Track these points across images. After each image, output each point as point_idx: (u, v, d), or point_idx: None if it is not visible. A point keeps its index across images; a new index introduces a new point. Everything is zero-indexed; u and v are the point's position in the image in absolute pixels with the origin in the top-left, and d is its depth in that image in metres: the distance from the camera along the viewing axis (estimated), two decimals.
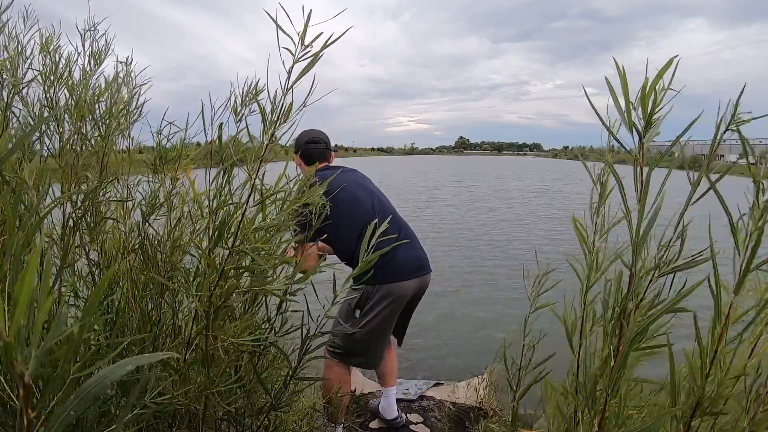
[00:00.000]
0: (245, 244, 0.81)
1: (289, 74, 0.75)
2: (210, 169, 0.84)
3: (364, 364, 2.05)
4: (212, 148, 0.83)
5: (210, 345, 0.84)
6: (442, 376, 3.00)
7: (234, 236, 0.81)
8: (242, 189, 0.83)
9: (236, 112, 0.85)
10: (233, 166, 0.81)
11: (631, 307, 0.62)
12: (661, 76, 0.55)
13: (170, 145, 1.00)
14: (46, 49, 0.97)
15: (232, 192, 0.82)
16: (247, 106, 0.85)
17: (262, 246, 0.81)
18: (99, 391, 0.32)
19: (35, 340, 0.27)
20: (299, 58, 0.73)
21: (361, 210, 1.82)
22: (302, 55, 0.73)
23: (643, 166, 0.59)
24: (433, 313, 4.62)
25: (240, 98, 0.85)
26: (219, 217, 0.81)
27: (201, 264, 0.83)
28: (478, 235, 9.11)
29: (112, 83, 0.98)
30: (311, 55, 0.73)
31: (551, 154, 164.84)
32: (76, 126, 0.95)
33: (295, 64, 0.74)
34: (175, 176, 1.01)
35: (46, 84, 0.96)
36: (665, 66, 0.55)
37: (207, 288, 0.81)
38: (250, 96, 0.84)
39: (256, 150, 0.82)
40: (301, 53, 0.73)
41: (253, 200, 0.83)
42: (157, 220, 1.05)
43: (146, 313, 1.00)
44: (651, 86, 0.55)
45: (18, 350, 0.27)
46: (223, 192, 0.81)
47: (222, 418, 1.07)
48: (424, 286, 1.97)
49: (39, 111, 0.97)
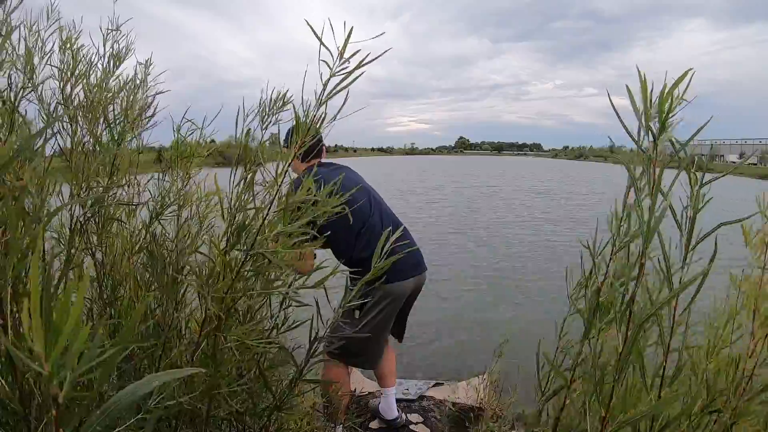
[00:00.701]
0: (264, 247, 0.83)
1: (325, 86, 0.77)
2: (235, 170, 0.86)
3: (364, 363, 2.06)
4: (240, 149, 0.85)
5: (219, 346, 0.85)
6: (442, 376, 3.01)
7: (254, 239, 0.82)
8: (264, 193, 0.85)
9: (263, 120, 0.87)
10: (257, 170, 0.84)
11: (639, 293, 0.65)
12: (678, 84, 0.60)
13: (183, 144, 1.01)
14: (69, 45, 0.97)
15: (255, 195, 0.84)
16: (275, 115, 0.88)
17: (283, 250, 0.83)
18: (123, 407, 0.32)
19: (70, 364, 0.28)
20: (335, 72, 0.76)
21: (359, 210, 1.81)
22: (339, 70, 0.76)
23: (656, 165, 0.64)
24: (434, 314, 4.63)
25: (268, 107, 0.88)
26: (238, 220, 0.82)
27: (216, 265, 0.84)
28: (478, 235, 9.12)
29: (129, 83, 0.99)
30: (348, 72, 0.75)
31: (551, 154, 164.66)
32: (89, 126, 0.96)
33: (332, 77, 0.77)
34: (186, 174, 1.01)
35: (63, 80, 0.97)
36: (681, 76, 0.60)
37: (221, 289, 0.82)
38: (277, 105, 0.87)
39: (283, 156, 0.84)
40: (338, 67, 0.76)
41: (275, 205, 0.85)
42: (165, 219, 1.06)
43: (151, 314, 1.01)
44: (668, 92, 0.61)
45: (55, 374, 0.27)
46: (244, 196, 0.83)
47: (224, 418, 1.08)
48: (421, 283, 1.98)
49: (54, 108, 0.97)
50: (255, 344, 0.87)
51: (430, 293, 5.27)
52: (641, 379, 0.69)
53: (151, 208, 1.06)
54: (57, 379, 0.27)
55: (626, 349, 0.65)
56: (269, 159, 0.87)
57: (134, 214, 1.13)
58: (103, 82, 1.00)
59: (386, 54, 0.73)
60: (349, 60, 0.75)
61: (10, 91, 0.97)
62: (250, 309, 0.95)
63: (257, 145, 0.86)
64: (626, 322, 0.66)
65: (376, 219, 1.85)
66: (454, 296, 5.30)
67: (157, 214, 1.02)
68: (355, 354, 1.91)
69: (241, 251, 0.84)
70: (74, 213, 0.97)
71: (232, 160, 0.87)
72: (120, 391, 0.32)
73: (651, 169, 0.64)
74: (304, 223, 0.84)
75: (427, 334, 4.11)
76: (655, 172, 0.65)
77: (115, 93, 0.98)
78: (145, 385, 0.32)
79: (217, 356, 0.87)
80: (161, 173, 1.06)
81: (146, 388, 0.32)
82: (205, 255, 0.89)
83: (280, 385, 1.08)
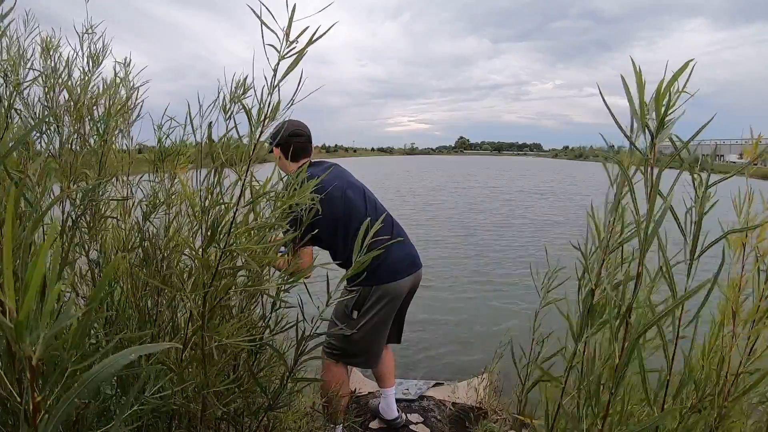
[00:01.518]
0: (238, 244, 0.81)
1: (275, 72, 0.73)
2: (200, 169, 0.83)
3: (364, 364, 2.05)
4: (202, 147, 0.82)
5: (206, 344, 0.84)
6: (442, 376, 3.00)
7: (227, 236, 0.80)
8: (233, 189, 0.81)
9: (225, 111, 0.83)
10: (223, 165, 0.79)
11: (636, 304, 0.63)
12: (677, 78, 0.55)
13: (170, 143, 1.00)
14: (47, 51, 0.98)
15: (223, 192, 0.80)
16: (236, 104, 0.83)
17: (254, 246, 0.80)
18: (103, 379, 0.32)
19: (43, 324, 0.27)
20: (285, 55, 0.71)
21: (355, 210, 1.80)
22: (287, 52, 0.71)
23: (654, 166, 0.60)
24: (434, 314, 4.62)
25: (228, 96, 0.83)
26: (211, 217, 0.80)
27: (195, 264, 0.83)
28: (479, 236, 9.11)
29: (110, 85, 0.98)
30: (296, 52, 0.71)
31: (551, 154, 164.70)
32: (75, 126, 0.96)
33: (281, 61, 0.72)
34: (173, 174, 1.01)
35: (47, 85, 0.97)
36: (681, 68, 0.54)
37: (201, 288, 0.81)
38: (237, 94, 0.82)
39: (244, 150, 0.80)
40: (286, 50, 0.71)
41: (243, 200, 0.81)
42: (157, 218, 1.05)
43: (145, 312, 1.00)
44: (666, 88, 0.55)
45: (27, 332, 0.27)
46: (214, 192, 0.80)
47: (221, 418, 1.07)
48: (418, 281, 1.97)
49: (40, 111, 0.97)
50: (240, 343, 0.86)
51: (431, 293, 5.27)
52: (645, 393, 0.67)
53: (144, 208, 1.06)
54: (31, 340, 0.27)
55: (622, 362, 0.62)
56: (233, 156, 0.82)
57: (129, 214, 1.13)
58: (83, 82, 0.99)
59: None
60: (297, 41, 0.70)
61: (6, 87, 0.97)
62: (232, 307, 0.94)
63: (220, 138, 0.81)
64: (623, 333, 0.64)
65: (371, 220, 1.82)
66: (455, 296, 5.30)
67: (149, 213, 1.02)
68: (355, 354, 1.90)
69: (216, 249, 0.81)
70: (65, 210, 0.97)
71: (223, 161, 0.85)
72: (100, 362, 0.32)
73: (649, 170, 0.60)
74: (278, 216, 0.81)
75: (427, 334, 4.10)
76: (653, 173, 0.60)
77: (99, 94, 0.98)
78: (122, 357, 0.33)
79: (205, 354, 0.86)
80: (150, 173, 1.05)
81: (123, 360, 0.33)
82: (186, 255, 0.87)
83: (273, 383, 1.07)
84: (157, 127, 0.98)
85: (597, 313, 0.72)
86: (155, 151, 1.00)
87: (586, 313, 0.72)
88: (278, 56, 0.71)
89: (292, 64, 0.72)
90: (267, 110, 0.76)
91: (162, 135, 0.99)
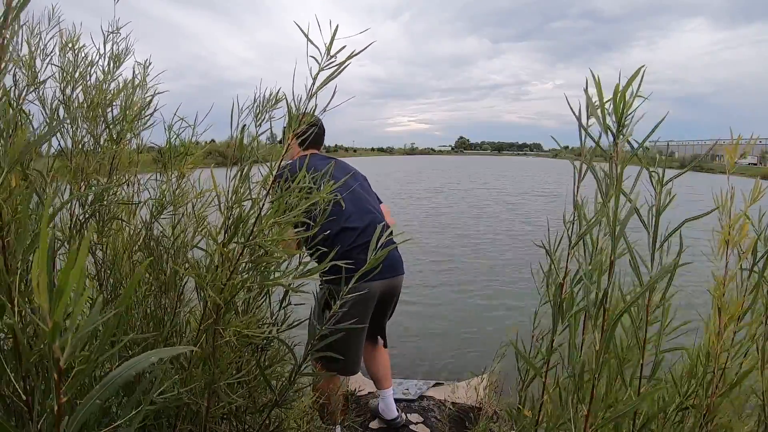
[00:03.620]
0: (261, 238, 0.86)
1: (314, 80, 0.83)
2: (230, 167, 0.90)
3: (341, 370, 1.86)
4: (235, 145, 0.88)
5: (218, 339, 0.87)
6: (442, 376, 3.01)
7: (251, 231, 0.85)
8: (260, 186, 0.90)
9: (257, 117, 0.94)
10: (252, 165, 0.88)
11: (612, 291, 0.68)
12: (630, 84, 0.63)
13: (178, 143, 1.02)
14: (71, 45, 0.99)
15: (251, 189, 0.89)
16: (268, 112, 0.94)
17: (278, 239, 0.88)
18: (123, 380, 0.33)
19: (72, 326, 0.29)
20: (324, 67, 0.82)
21: (347, 209, 1.77)
22: (327, 64, 0.82)
23: (617, 163, 0.67)
24: (434, 314, 4.63)
25: (261, 103, 0.94)
26: (235, 213, 0.86)
27: (214, 258, 0.86)
28: (479, 237, 9.12)
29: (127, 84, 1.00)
30: (336, 64, 0.82)
31: (551, 154, 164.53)
32: (90, 127, 0.97)
33: (320, 71, 0.83)
34: (181, 173, 1.03)
35: (64, 82, 0.98)
36: (634, 74, 0.62)
37: (221, 281, 0.84)
38: (271, 101, 0.93)
39: (278, 150, 0.91)
40: (326, 62, 0.82)
41: (269, 198, 0.90)
42: (164, 217, 1.07)
43: (152, 312, 1.02)
44: (622, 93, 0.63)
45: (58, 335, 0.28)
46: (241, 189, 0.88)
47: (224, 415, 1.08)
48: (395, 287, 1.91)
49: (55, 108, 0.98)
50: (254, 335, 0.89)
51: (432, 293, 5.28)
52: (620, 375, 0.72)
53: (151, 207, 1.07)
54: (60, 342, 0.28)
55: (602, 346, 0.66)
56: (263, 155, 0.92)
57: (135, 214, 1.14)
58: (103, 83, 1.01)
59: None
60: (336, 55, 0.81)
61: (15, 88, 0.98)
62: (248, 301, 0.96)
63: (251, 141, 0.91)
64: (601, 320, 0.68)
65: (354, 219, 1.78)
66: (455, 296, 5.31)
67: (158, 213, 1.03)
68: (330, 359, 1.82)
69: (238, 243, 0.86)
70: (74, 212, 0.98)
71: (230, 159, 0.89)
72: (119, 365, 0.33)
73: (613, 167, 0.67)
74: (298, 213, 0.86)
75: (427, 335, 4.11)
76: (616, 170, 0.67)
77: (115, 94, 0.99)
78: (143, 360, 0.34)
79: (216, 350, 0.88)
80: (158, 172, 1.07)
81: (144, 363, 0.34)
82: (202, 250, 0.90)
83: (280, 380, 1.08)
84: (168, 128, 1.00)
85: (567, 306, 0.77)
86: (164, 151, 1.02)
87: (557, 307, 0.77)
88: (318, 68, 0.83)
89: (331, 76, 0.84)
90: (304, 111, 0.87)
91: (171, 136, 1.01)
